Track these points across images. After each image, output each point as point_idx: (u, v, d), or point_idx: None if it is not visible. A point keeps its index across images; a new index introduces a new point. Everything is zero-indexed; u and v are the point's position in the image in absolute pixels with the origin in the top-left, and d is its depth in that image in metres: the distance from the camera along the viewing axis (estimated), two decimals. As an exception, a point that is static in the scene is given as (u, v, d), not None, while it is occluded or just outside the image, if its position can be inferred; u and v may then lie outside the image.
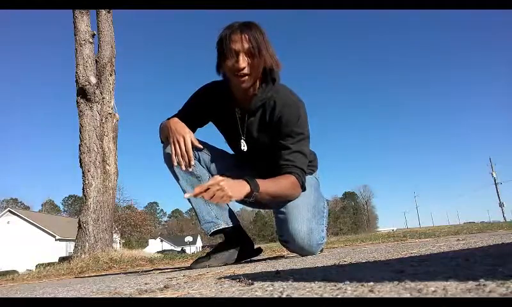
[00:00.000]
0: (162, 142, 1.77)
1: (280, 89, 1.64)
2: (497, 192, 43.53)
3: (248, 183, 1.45)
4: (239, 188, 1.43)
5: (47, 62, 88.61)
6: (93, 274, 2.93)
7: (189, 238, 54.91)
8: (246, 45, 1.49)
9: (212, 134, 1.90)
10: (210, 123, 1.84)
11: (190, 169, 1.63)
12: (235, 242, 1.76)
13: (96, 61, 5.48)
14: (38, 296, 0.76)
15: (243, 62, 1.49)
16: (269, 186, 1.54)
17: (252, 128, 1.70)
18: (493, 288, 0.30)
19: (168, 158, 1.67)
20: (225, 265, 1.68)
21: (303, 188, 1.65)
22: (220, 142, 1.86)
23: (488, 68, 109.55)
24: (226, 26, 1.56)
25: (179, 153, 1.60)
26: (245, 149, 1.72)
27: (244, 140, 1.72)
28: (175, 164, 1.61)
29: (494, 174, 45.19)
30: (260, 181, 1.50)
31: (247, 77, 1.52)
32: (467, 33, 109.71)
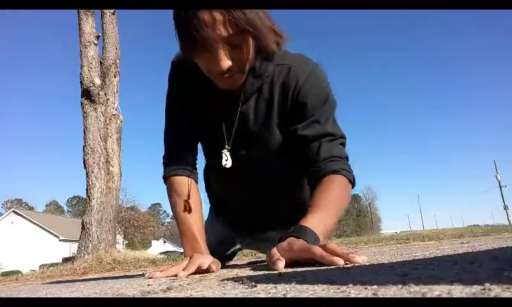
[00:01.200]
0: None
1: (283, 55, 1.10)
2: (502, 195, 43.26)
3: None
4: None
5: (51, 63, 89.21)
6: (96, 275, 2.94)
7: (191, 240, 54.80)
8: (230, 29, 0.89)
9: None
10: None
11: None
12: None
13: (100, 63, 5.51)
14: (41, 296, 0.77)
15: (224, 60, 0.92)
16: (327, 223, 0.92)
17: (247, 121, 1.11)
18: (499, 293, 0.30)
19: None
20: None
21: (353, 185, 1.10)
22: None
23: (493, 68, 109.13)
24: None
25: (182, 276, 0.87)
26: (229, 164, 1.11)
27: (229, 150, 1.12)
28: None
29: (498, 177, 44.93)
30: (314, 226, 0.87)
31: (235, 76, 1.00)
32: (468, 32, 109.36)
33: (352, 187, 1.10)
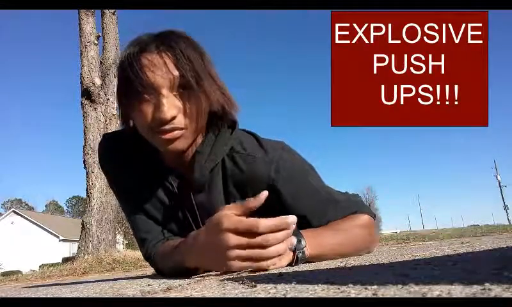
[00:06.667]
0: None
1: (243, 138, 0.95)
2: (502, 195, 43.29)
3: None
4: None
5: (51, 63, 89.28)
6: (96, 275, 2.95)
7: (191, 240, 54.86)
8: (175, 73, 0.80)
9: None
10: None
11: None
12: None
13: (100, 63, 5.52)
14: (41, 296, 0.77)
15: (170, 107, 0.80)
16: (325, 244, 0.86)
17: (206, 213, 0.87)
18: (499, 293, 0.30)
19: None
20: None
21: (374, 217, 1.06)
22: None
23: (493, 67, 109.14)
24: (130, 42, 0.88)
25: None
26: None
27: None
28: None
29: (498, 177, 44.97)
30: (308, 238, 0.82)
31: (179, 132, 0.83)
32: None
33: (374, 218, 1.05)
